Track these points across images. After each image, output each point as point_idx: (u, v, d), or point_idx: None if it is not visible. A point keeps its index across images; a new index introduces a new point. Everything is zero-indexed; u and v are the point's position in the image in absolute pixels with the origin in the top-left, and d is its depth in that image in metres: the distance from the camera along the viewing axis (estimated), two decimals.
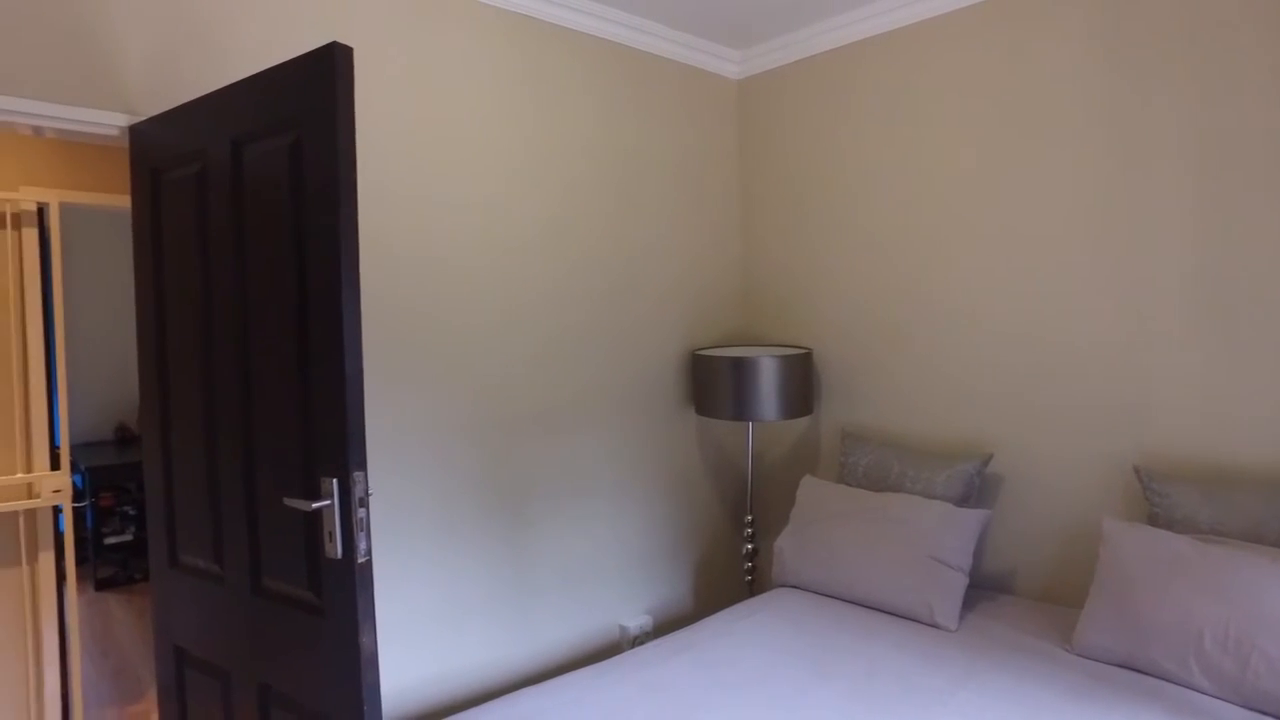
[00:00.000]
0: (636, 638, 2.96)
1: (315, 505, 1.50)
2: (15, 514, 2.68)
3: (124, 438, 5.23)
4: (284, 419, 1.63)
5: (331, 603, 1.57)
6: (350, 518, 1.49)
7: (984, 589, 2.62)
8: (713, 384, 2.96)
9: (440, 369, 2.49)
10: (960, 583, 2.34)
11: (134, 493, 4.73)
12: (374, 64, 2.35)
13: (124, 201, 2.90)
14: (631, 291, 3.00)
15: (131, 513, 4.74)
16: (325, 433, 1.53)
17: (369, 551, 1.51)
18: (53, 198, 2.71)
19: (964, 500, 2.55)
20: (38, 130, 2.04)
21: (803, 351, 3.00)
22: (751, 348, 3.20)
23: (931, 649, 2.15)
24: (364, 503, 1.50)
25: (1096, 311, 2.42)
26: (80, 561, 4.03)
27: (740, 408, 2.90)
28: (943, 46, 2.73)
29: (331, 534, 1.51)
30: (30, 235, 2.70)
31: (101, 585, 4.60)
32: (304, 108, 1.55)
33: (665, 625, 3.12)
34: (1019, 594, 2.60)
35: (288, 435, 1.63)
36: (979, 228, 2.67)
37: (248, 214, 1.70)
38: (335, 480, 1.50)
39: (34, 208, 2.70)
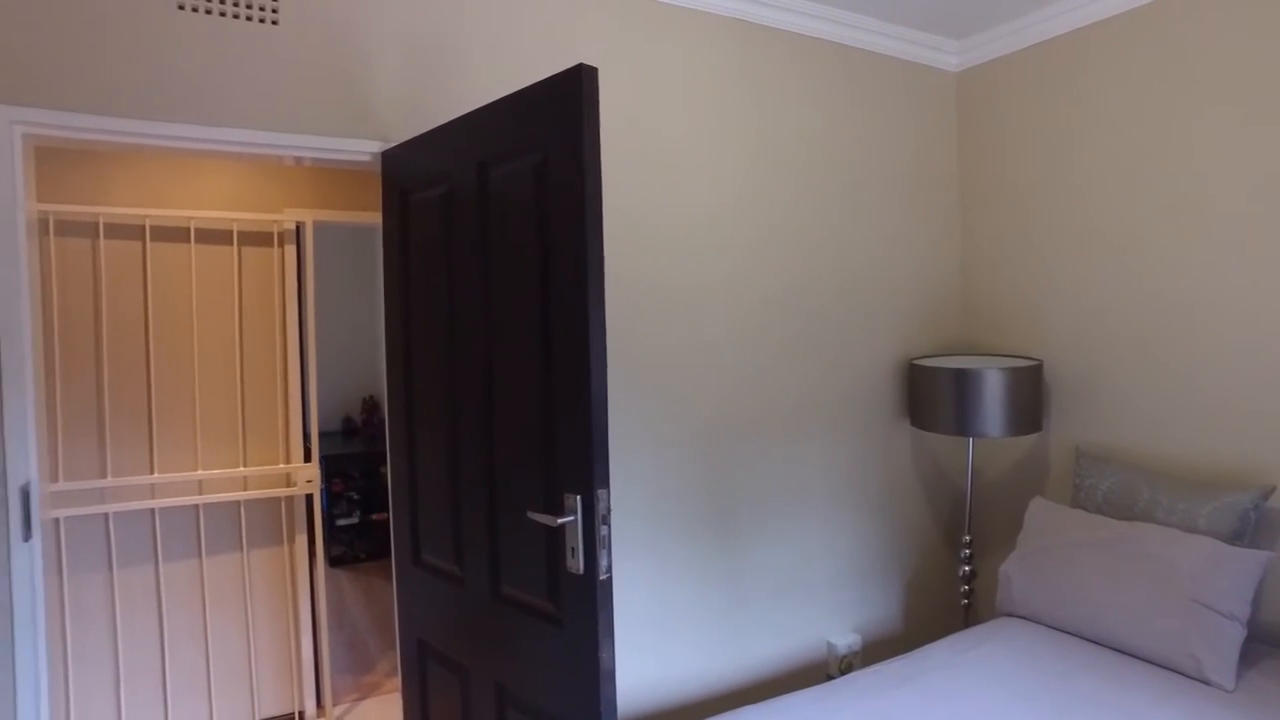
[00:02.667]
0: (845, 657, 2.86)
1: (560, 521, 1.53)
2: (278, 500, 3.00)
3: (349, 429, 5.76)
4: (526, 432, 1.69)
5: (571, 615, 1.61)
6: (593, 534, 1.52)
7: (1265, 644, 2.29)
8: (931, 396, 2.79)
9: (657, 379, 2.51)
10: (1236, 634, 2.05)
11: (359, 480, 5.19)
12: (600, 82, 2.41)
13: (359, 218, 3.16)
14: (845, 299, 2.89)
15: (356, 498, 5.20)
16: (569, 449, 1.57)
17: (609, 568, 1.53)
18: (308, 217, 3.00)
19: (1236, 537, 2.23)
20: (298, 160, 2.26)
21: (1032, 363, 2.75)
22: (973, 358, 2.99)
23: (1205, 711, 1.89)
24: (606, 520, 1.52)
25: None
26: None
27: (962, 422, 2.71)
28: (1201, 23, 2.39)
29: (574, 549, 1.55)
30: (290, 251, 3.01)
31: (333, 563, 5.09)
32: (550, 128, 1.60)
33: (874, 646, 2.98)
34: None
35: (529, 448, 1.68)
36: (1257, 224, 2.32)
37: (492, 232, 1.78)
38: (579, 497, 1.54)
39: (293, 227, 3.00)
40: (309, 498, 3.07)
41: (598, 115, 1.53)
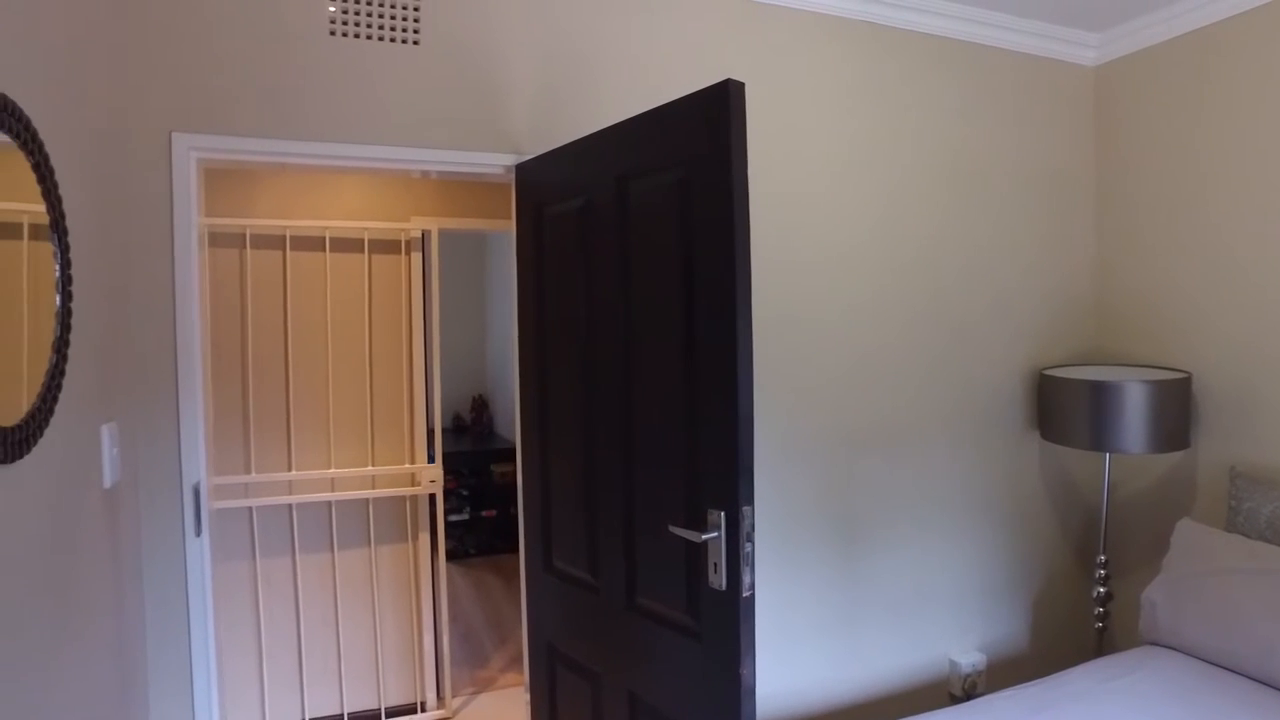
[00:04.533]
0: (969, 676, 2.76)
1: (704, 537, 1.54)
2: (403, 498, 3.12)
3: (459, 426, 5.95)
4: (666, 446, 1.70)
5: (710, 630, 1.61)
6: (737, 551, 1.52)
7: None
8: (1064, 408, 2.67)
9: (778, 391, 2.49)
10: None
11: (469, 477, 5.35)
12: None
13: (482, 225, 3.25)
14: (969, 306, 2.80)
15: (465, 494, 5.37)
16: (712, 465, 1.57)
17: (753, 586, 1.53)
18: (433, 225, 3.11)
19: None
20: (424, 173, 2.32)
21: (1179, 375, 2.59)
22: (1110, 368, 2.84)
23: None
24: (750, 537, 1.52)
25: None
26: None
27: (1098, 437, 2.58)
28: None
29: (717, 565, 1.55)
30: (416, 258, 3.12)
31: (445, 557, 5.26)
32: (695, 144, 1.60)
33: (999, 665, 2.88)
34: None
35: (669, 463, 1.69)
36: None
37: (632, 245, 1.79)
38: (723, 514, 1.54)
39: (419, 235, 3.11)
40: (431, 496, 3.18)
41: (745, 132, 1.52)
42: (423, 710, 3.18)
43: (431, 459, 3.17)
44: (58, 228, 1.35)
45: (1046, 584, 2.98)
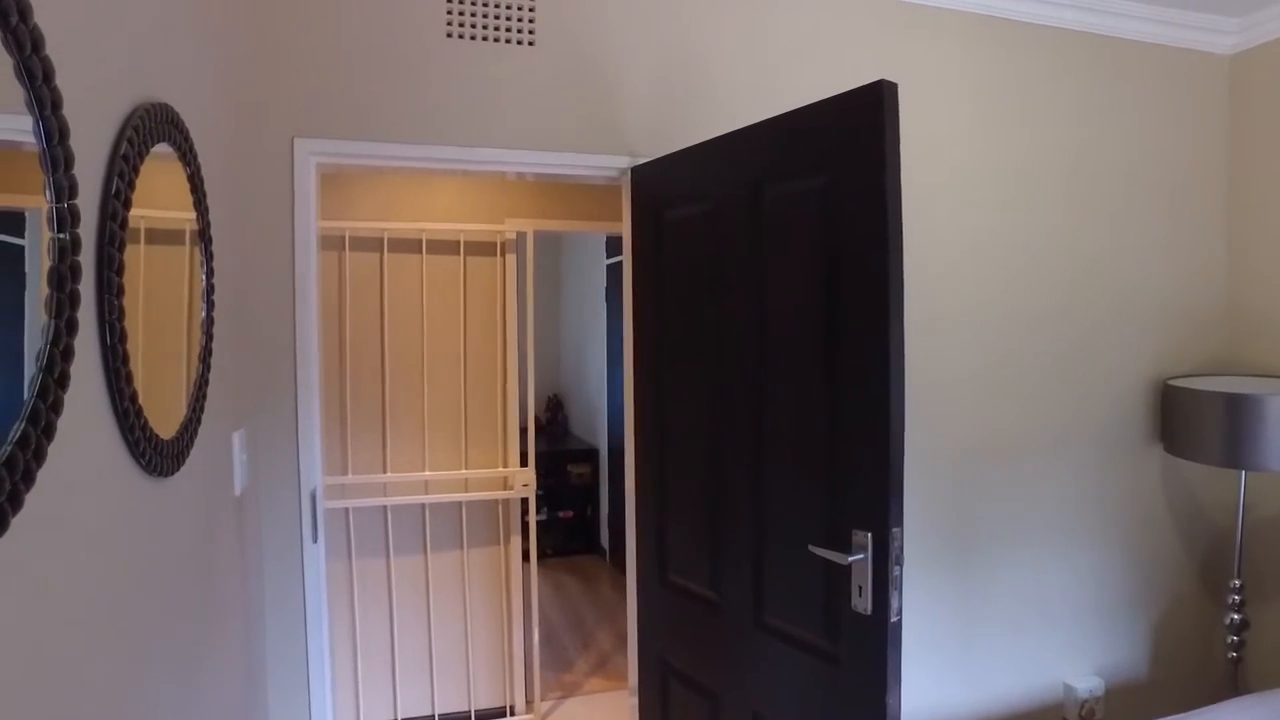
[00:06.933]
0: (1086, 702, 2.62)
1: (851, 559, 1.46)
2: (495, 502, 3.11)
3: (535, 426, 5.95)
4: (804, 463, 1.63)
5: (850, 654, 1.53)
6: (885, 574, 1.44)
7: None
8: (1193, 421, 2.50)
9: None
10: None
11: (544, 477, 5.34)
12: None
13: (578, 226, 3.21)
14: (1090, 312, 2.65)
15: (541, 494, 5.36)
16: (858, 483, 1.49)
17: (900, 610, 1.44)
18: (528, 227, 3.08)
19: None
20: (524, 175, 2.25)
21: None
22: (1247, 379, 2.65)
23: None
24: (899, 560, 1.44)
25: None
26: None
27: (1233, 453, 2.41)
28: None
29: (862, 588, 1.47)
30: (511, 260, 3.10)
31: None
32: (841, 147, 1.52)
33: (1117, 692, 2.72)
34: None
35: (808, 480, 1.62)
36: None
37: (767, 251, 1.72)
38: (870, 535, 1.46)
39: (514, 236, 3.09)
40: (523, 500, 3.16)
41: (898, 136, 1.43)
42: (511, 714, 3.16)
43: (524, 462, 3.15)
44: (205, 236, 1.34)
45: (1169, 608, 2.81)
